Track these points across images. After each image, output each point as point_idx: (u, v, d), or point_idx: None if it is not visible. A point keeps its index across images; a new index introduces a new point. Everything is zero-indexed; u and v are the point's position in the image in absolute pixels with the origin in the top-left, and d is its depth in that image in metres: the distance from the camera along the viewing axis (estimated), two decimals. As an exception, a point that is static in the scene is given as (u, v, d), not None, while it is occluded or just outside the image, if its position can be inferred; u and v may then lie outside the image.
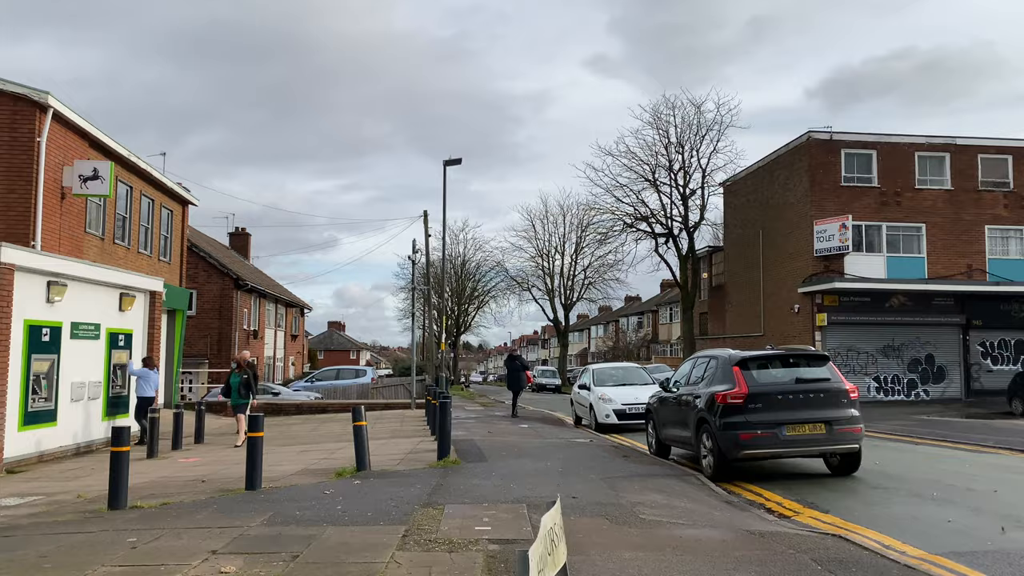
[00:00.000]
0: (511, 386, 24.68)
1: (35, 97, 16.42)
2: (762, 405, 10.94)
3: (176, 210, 26.36)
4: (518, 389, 24.22)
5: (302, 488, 9.86)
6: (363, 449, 11.12)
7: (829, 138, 31.34)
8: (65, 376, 15.06)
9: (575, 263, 57.66)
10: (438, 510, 8.14)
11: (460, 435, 16.84)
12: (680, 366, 14.42)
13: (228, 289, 35.03)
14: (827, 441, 10.95)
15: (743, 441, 10.82)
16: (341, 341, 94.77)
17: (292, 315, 50.32)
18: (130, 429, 9.48)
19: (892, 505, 9.32)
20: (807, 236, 30.95)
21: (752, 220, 36.42)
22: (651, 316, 74.26)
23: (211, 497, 9.47)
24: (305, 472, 11.62)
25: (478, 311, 68.35)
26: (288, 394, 31.53)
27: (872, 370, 30.44)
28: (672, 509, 8.55)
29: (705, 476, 11.35)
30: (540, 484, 9.99)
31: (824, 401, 11.11)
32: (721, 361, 11.94)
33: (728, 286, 40.58)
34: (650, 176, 38.12)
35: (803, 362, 11.74)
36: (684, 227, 38.14)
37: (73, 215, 18.39)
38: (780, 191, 33.85)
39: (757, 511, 8.92)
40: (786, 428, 10.81)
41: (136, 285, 17.79)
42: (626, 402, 19.15)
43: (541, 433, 17.87)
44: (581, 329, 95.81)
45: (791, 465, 12.38)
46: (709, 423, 11.40)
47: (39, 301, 14.29)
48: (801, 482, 11.02)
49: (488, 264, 64.06)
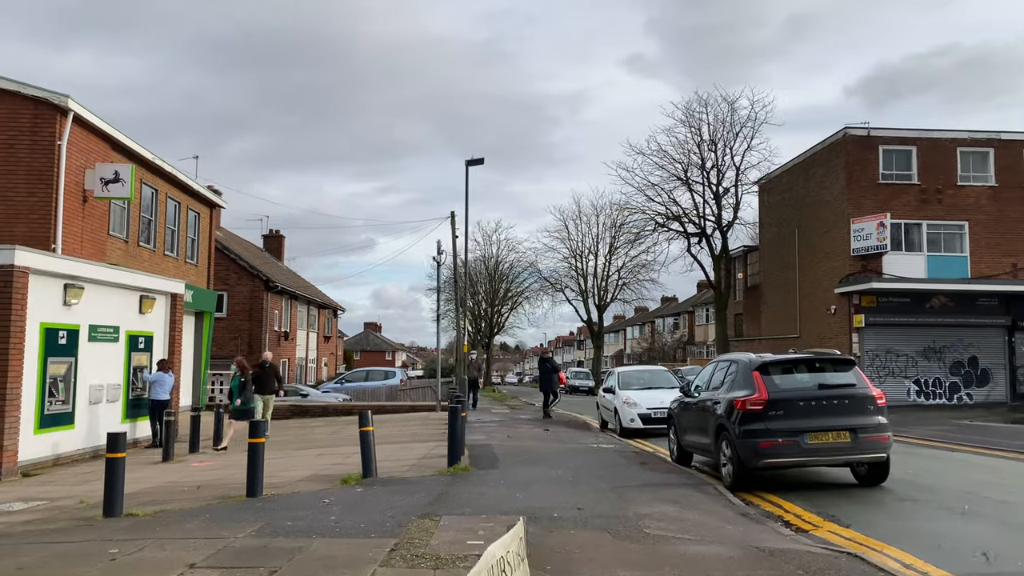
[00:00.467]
0: (543, 388, 24.74)
1: (55, 100, 16.50)
2: (783, 412, 10.46)
3: (203, 213, 26.46)
4: (549, 391, 24.23)
5: (302, 496, 9.63)
6: (369, 455, 10.85)
7: (866, 134, 30.45)
8: (83, 379, 15.06)
9: (609, 264, 57.07)
10: (434, 522, 7.83)
11: (479, 439, 16.55)
12: (703, 370, 13.96)
13: (258, 291, 35.18)
14: (852, 450, 10.43)
15: (763, 449, 10.35)
16: (377, 342, 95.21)
17: (325, 316, 50.50)
18: (125, 435, 9.34)
19: (918, 519, 8.80)
20: (844, 235, 30.11)
21: (787, 219, 35.59)
22: (687, 317, 73.35)
23: (209, 504, 9.28)
24: (313, 478, 11.40)
25: (511, 312, 67.99)
26: (317, 395, 31.54)
27: (912, 373, 29.48)
28: (681, 522, 8.14)
29: (724, 485, 10.91)
30: (548, 493, 9.64)
31: (849, 408, 10.58)
32: (741, 365, 11.47)
33: (763, 286, 39.76)
34: (682, 175, 37.46)
35: (827, 366, 11.22)
36: (717, 226, 37.41)
37: (96, 218, 18.47)
38: (816, 189, 33.01)
39: (773, 524, 8.47)
40: (808, 436, 10.32)
41: (156, 287, 17.79)
42: (652, 406, 18.67)
43: (562, 438, 17.50)
44: (617, 330, 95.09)
45: (816, 474, 11.86)
46: (728, 430, 10.95)
47: (56, 304, 14.30)
48: (825, 493, 10.51)
49: (521, 265, 63.72)
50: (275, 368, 18.48)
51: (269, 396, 17.82)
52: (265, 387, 17.66)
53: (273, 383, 17.94)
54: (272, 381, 17.92)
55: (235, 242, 40.22)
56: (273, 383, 17.94)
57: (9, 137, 16.57)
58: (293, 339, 40.90)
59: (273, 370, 18.20)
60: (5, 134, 16.59)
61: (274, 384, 17.98)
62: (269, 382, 17.80)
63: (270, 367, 18.10)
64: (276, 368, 18.64)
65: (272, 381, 17.92)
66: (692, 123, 36.93)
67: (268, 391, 17.77)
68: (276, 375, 18.28)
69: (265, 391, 17.67)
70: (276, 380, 18.19)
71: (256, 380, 17.66)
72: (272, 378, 17.96)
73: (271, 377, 17.94)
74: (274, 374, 18.15)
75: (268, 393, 17.77)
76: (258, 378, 17.68)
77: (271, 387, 17.83)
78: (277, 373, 18.44)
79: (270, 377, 17.90)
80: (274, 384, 17.98)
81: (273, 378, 18.00)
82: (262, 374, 17.77)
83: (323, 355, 49.77)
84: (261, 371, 17.81)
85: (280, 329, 38.20)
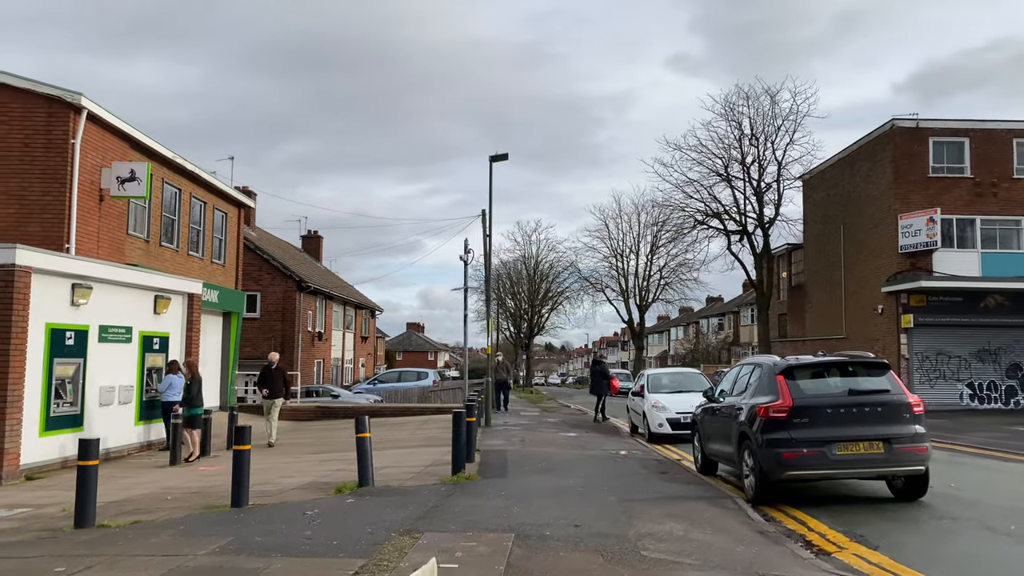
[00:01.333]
0: (593, 391, 24.64)
1: (68, 98, 16.30)
2: (809, 420, 9.61)
3: (231, 213, 26.28)
4: (600, 394, 23.94)
5: (288, 507, 9.08)
6: (365, 463, 10.30)
7: (915, 126, 29.04)
8: (93, 380, 14.79)
9: (650, 263, 55.94)
10: (413, 540, 7.21)
11: (496, 444, 15.92)
12: (727, 373, 13.12)
13: (291, 291, 35.02)
14: (885, 462, 9.53)
15: (786, 460, 9.51)
16: (419, 342, 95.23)
17: (362, 317, 50.34)
18: (98, 441, 8.90)
19: (956, 541, 7.92)
20: (891, 231, 28.76)
21: (832, 215, 34.25)
22: (732, 318, 71.72)
23: (189, 515, 8.79)
24: (310, 486, 10.88)
25: (551, 312, 67.18)
26: (348, 396, 31.22)
27: (965, 376, 28.01)
28: (686, 543, 7.38)
29: (746, 499, 10.10)
30: (549, 507, 8.95)
31: (882, 416, 9.68)
32: (765, 369, 10.62)
33: (808, 286, 38.41)
34: (722, 170, 36.32)
35: (859, 370, 10.31)
36: (759, 223, 36.18)
37: (114, 217, 18.27)
38: (862, 184, 31.66)
39: (792, 545, 7.66)
40: (837, 446, 9.45)
41: (172, 287, 17.51)
42: (681, 410, 17.79)
43: (585, 443, 16.76)
44: (661, 331, 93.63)
45: (848, 486, 10.96)
46: (750, 439, 10.12)
47: (63, 304, 14.04)
48: (855, 508, 9.64)
49: (561, 264, 62.85)
50: (282, 370, 17.88)
51: (277, 399, 17.31)
52: (273, 390, 17.21)
53: (280, 386, 17.39)
54: (279, 383, 17.39)
55: (270, 242, 40.19)
56: (280, 386, 17.39)
57: (24, 136, 16.43)
58: (328, 339, 40.72)
59: (280, 372, 17.64)
60: (20, 133, 16.45)
61: (281, 387, 17.43)
62: (276, 384, 17.31)
63: (277, 369, 17.59)
64: (284, 370, 18.00)
65: (279, 383, 17.39)
66: (732, 117, 35.82)
67: (275, 394, 17.29)
68: (284, 377, 17.72)
69: (273, 394, 17.22)
70: (284, 383, 17.63)
71: (262, 382, 17.30)
72: (279, 380, 17.43)
73: (278, 379, 17.41)
74: (281, 376, 17.57)
75: (275, 396, 17.28)
76: (264, 380, 17.31)
77: (278, 390, 17.32)
78: (285, 375, 17.84)
79: (277, 379, 17.38)
80: (281, 387, 17.43)
81: (280, 380, 17.46)
82: (268, 376, 17.34)
83: (360, 355, 49.61)
84: (268, 373, 17.37)
85: (314, 329, 38.03)
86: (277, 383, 17.35)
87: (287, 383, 17.94)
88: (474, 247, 25.57)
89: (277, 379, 17.39)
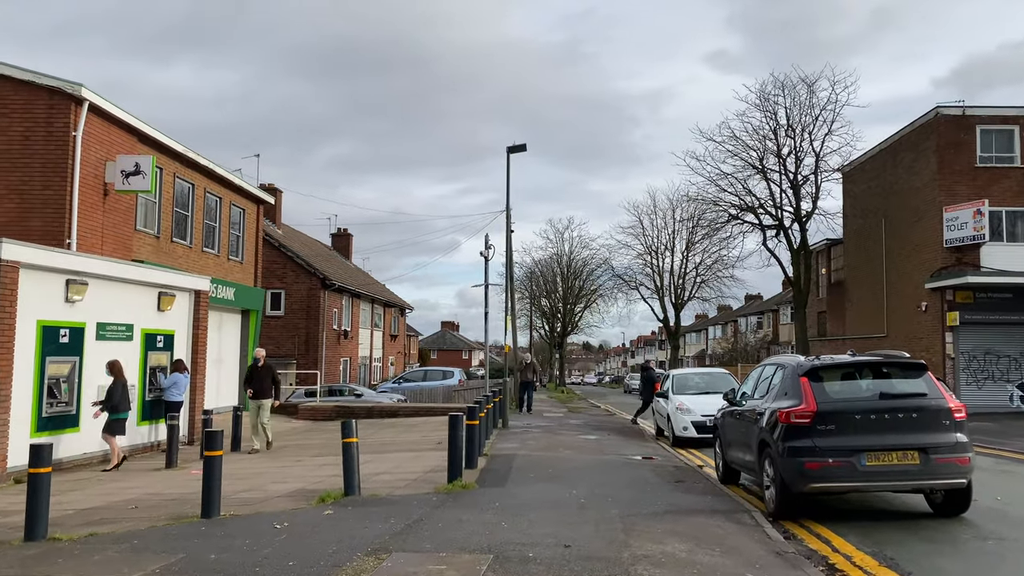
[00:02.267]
0: (643, 396, 24.87)
1: (68, 89, 15.84)
2: (835, 426, 8.66)
3: (249, 208, 25.83)
4: (647, 400, 23.65)
5: (260, 519, 8.37)
6: (352, 471, 9.56)
7: (961, 113, 27.58)
8: (90, 379, 14.29)
9: (686, 260, 54.50)
10: (379, 561, 6.45)
11: (508, 448, 15.14)
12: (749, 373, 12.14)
13: (315, 288, 34.58)
14: (921, 474, 8.53)
15: (810, 472, 8.57)
16: (454, 341, 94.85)
17: (391, 315, 49.88)
18: (51, 447, 8.27)
19: (1002, 567, 6.95)
20: (935, 225, 27.35)
21: (873, 209, 32.82)
22: (771, 316, 69.98)
23: (152, 526, 8.13)
24: (296, 493, 10.18)
25: (585, 310, 66.06)
26: (371, 396, 30.64)
27: (1016, 376, 26.52)
28: (687, 568, 6.51)
29: (766, 512, 9.18)
30: (542, 522, 8.12)
31: (918, 422, 8.69)
32: (788, 370, 9.68)
33: (848, 282, 36.97)
34: (757, 163, 34.96)
35: (893, 372, 9.32)
36: (795, 218, 34.74)
37: (120, 212, 17.83)
38: (904, 175, 30.23)
39: (812, 570, 6.75)
40: (866, 456, 8.49)
41: (177, 284, 16.99)
42: (707, 413, 16.73)
43: (603, 447, 15.87)
44: (699, 330, 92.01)
45: (882, 499, 9.98)
46: (771, 447, 9.21)
47: (56, 301, 13.56)
48: (888, 525, 8.67)
49: (595, 262, 61.66)
50: (270, 369, 16.53)
51: (265, 400, 16.06)
52: (258, 389, 16.01)
53: (268, 386, 16.10)
54: (267, 383, 16.09)
55: (297, 240, 39.86)
56: (268, 386, 16.10)
57: (25, 128, 16.02)
58: (354, 338, 40.26)
59: (268, 370, 16.30)
60: (21, 125, 16.05)
61: (269, 386, 16.12)
62: (263, 384, 16.06)
63: (264, 367, 16.26)
64: (272, 369, 16.59)
65: (267, 383, 16.09)
66: (767, 107, 34.45)
67: (262, 394, 16.03)
68: (272, 376, 16.34)
69: (259, 394, 16.01)
70: (272, 381, 16.26)
71: (248, 381, 16.28)
72: (266, 380, 16.13)
73: (266, 378, 16.15)
74: (269, 375, 16.22)
75: (263, 397, 16.02)
76: (250, 379, 16.24)
77: (266, 389, 16.06)
78: (274, 374, 16.45)
79: (264, 378, 16.14)
80: (269, 386, 16.12)
81: (268, 380, 16.15)
82: (255, 374, 16.18)
83: (389, 354, 49.14)
84: (254, 371, 16.28)
85: (339, 328, 37.57)
86: (264, 382, 16.05)
87: (276, 382, 16.43)
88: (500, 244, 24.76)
89: (264, 378, 16.08)
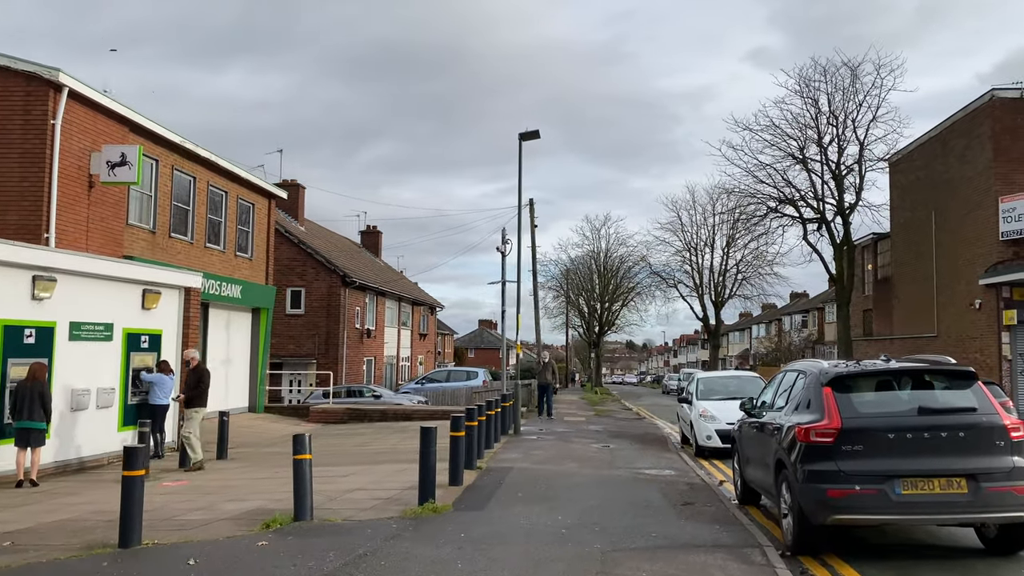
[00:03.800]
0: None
1: (45, 75, 14.96)
2: (864, 447, 7.21)
3: (259, 203, 24.93)
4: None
5: (176, 551, 7.19)
6: (302, 493, 8.40)
7: (1019, 96, 25.47)
8: (61, 382, 13.38)
9: (726, 257, 52.54)
10: (279, 616, 5.23)
11: (510, 458, 13.93)
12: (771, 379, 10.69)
13: (335, 286, 33.65)
14: (970, 505, 7.03)
15: (833, 501, 7.12)
16: (491, 339, 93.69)
17: (420, 313, 48.88)
18: None
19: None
20: (990, 216, 25.31)
21: (922, 201, 30.76)
22: (817, 314, 67.55)
23: (57, 557, 7.04)
24: (244, 516, 9.02)
25: (623, 308, 64.36)
26: (390, 397, 29.57)
27: (1079, 381, 24.42)
28: (665, 631, 5.17)
29: (783, 546, 7.77)
30: (506, 559, 6.83)
31: (966, 443, 7.20)
32: (810, 379, 8.23)
33: (895, 279, 34.87)
34: (797, 152, 33.10)
35: (935, 381, 7.82)
36: (838, 210, 32.82)
37: (108, 205, 16.96)
38: (956, 164, 28.17)
39: (827, 632, 5.36)
40: (901, 483, 7.03)
41: (163, 280, 16.02)
42: (732, 421, 15.12)
43: (615, 460, 14.47)
44: (741, 329, 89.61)
45: (924, 531, 8.47)
46: (788, 468, 7.79)
47: (21, 298, 12.64)
48: (928, 564, 7.23)
49: (632, 259, 59.93)
50: (202, 372, 14.11)
51: (196, 409, 13.74)
52: (190, 397, 13.78)
53: (202, 393, 13.83)
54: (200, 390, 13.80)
55: (320, 237, 39.04)
56: (202, 393, 13.83)
57: (1, 117, 15.21)
58: (379, 337, 39.28)
59: (199, 374, 13.98)
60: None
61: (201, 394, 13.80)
62: (196, 391, 13.78)
63: (194, 370, 14.07)
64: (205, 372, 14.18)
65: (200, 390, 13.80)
66: (808, 94, 32.57)
67: (194, 402, 13.74)
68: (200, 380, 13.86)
69: (191, 402, 13.73)
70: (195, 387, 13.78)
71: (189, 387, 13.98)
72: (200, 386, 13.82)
73: (198, 385, 13.81)
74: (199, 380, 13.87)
75: (194, 405, 13.73)
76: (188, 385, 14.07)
77: (199, 397, 13.80)
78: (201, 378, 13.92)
79: (197, 385, 13.81)
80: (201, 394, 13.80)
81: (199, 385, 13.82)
82: (188, 379, 14.10)
83: (418, 353, 48.15)
84: (189, 375, 14.17)
85: (362, 326, 36.60)
86: (196, 388, 13.79)
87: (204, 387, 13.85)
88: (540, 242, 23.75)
89: (195, 383, 13.84)
